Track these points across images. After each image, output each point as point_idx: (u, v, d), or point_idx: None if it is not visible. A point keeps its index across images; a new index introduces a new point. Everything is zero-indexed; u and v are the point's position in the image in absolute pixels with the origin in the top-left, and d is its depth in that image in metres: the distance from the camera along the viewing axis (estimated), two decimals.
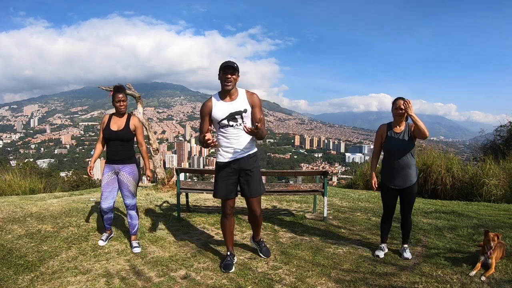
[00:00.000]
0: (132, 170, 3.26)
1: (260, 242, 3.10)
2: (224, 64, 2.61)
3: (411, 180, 3.01)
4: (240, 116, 2.70)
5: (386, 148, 3.07)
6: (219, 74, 2.66)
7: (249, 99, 2.73)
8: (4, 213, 4.24)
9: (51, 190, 7.75)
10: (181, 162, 75.33)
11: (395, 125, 3.05)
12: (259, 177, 2.85)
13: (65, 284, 2.53)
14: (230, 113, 2.70)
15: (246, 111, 2.70)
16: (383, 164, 3.16)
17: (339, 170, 63.00)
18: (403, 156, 2.98)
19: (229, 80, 2.62)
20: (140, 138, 3.36)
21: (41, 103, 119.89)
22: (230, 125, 2.72)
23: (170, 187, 6.32)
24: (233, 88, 2.69)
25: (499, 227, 4.00)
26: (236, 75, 2.65)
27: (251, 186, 2.79)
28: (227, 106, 2.71)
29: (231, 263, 2.85)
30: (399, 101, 2.95)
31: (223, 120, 2.71)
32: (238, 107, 2.70)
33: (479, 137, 9.70)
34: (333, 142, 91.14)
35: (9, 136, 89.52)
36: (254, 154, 2.82)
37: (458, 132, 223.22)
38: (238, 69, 2.64)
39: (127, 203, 3.29)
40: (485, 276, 2.65)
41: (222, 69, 2.63)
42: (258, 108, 2.75)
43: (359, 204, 5.51)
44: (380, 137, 3.11)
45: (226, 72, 2.61)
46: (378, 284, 2.58)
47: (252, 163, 2.79)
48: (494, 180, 6.46)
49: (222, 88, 2.68)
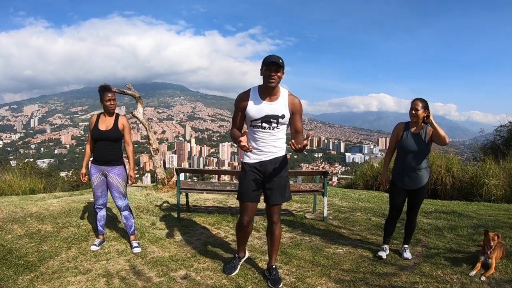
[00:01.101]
0: (120, 171, 3.20)
1: (271, 269, 2.65)
2: (269, 60, 2.33)
3: (422, 182, 2.98)
4: (276, 121, 2.46)
5: (401, 147, 3.02)
6: (262, 68, 2.39)
7: (290, 104, 2.47)
8: (4, 213, 4.24)
9: (51, 190, 7.75)
10: (181, 162, 75.35)
11: (413, 125, 3.00)
12: (285, 182, 2.60)
13: (65, 284, 2.52)
14: (266, 115, 2.44)
15: (284, 117, 2.46)
16: (395, 163, 3.12)
17: (339, 170, 63.03)
18: (417, 157, 2.94)
19: (273, 78, 2.34)
20: (127, 138, 3.26)
21: (41, 103, 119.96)
22: (262, 127, 2.47)
23: (170, 187, 6.32)
24: (276, 86, 2.41)
25: (499, 227, 4.00)
26: (281, 72, 2.36)
27: (275, 192, 2.55)
28: (265, 107, 2.44)
29: (236, 265, 2.79)
30: (415, 102, 2.90)
31: (257, 120, 2.47)
32: (276, 110, 2.44)
33: (479, 137, 9.71)
34: (333, 142, 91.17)
35: (9, 136, 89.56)
36: (283, 157, 2.57)
37: (458, 132, 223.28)
38: (283, 66, 2.35)
39: (119, 204, 3.25)
40: (485, 276, 2.65)
41: (266, 65, 2.34)
42: (299, 115, 2.51)
43: (359, 204, 5.51)
44: (396, 135, 3.07)
45: (271, 69, 2.33)
46: (378, 284, 2.58)
47: (278, 167, 2.53)
48: (494, 180, 6.46)
49: (264, 84, 2.40)
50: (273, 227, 2.63)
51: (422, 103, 2.89)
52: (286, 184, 2.60)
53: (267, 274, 2.65)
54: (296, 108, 2.49)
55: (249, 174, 2.54)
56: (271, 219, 2.63)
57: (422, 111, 2.88)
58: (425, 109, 2.89)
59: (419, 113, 2.88)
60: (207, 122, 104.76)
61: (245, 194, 2.56)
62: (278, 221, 2.64)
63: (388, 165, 3.24)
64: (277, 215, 2.62)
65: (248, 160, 2.55)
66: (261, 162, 2.52)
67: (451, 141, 38.28)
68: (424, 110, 2.89)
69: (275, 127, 2.47)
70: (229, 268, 2.76)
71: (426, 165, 3.00)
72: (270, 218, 2.63)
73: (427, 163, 3.01)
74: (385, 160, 3.28)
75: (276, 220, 2.62)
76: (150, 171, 47.83)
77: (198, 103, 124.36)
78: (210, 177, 13.58)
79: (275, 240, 2.66)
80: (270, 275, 2.61)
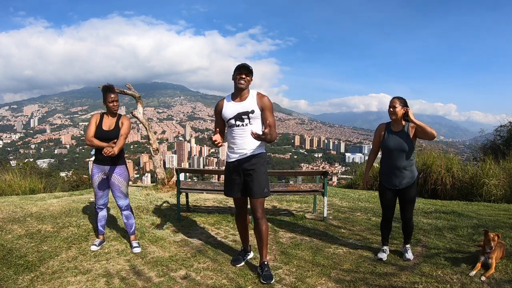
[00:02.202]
0: (122, 171, 3.23)
1: (263, 265, 2.72)
2: (240, 65, 2.67)
3: (408, 181, 2.96)
4: (247, 117, 2.70)
5: (384, 147, 3.04)
6: (234, 74, 2.70)
7: (259, 101, 2.72)
8: (4, 213, 4.24)
9: (51, 190, 7.75)
10: (181, 162, 75.35)
11: (394, 124, 3.02)
12: (263, 178, 2.75)
13: (65, 284, 2.53)
14: (238, 113, 2.71)
15: (254, 112, 2.70)
16: (381, 163, 3.14)
17: (339, 170, 63.03)
18: (401, 155, 2.94)
19: (242, 80, 2.67)
20: (122, 131, 3.15)
21: (41, 103, 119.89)
22: (236, 125, 2.73)
23: (170, 187, 6.32)
24: (246, 88, 2.72)
25: (499, 227, 4.00)
26: (250, 77, 2.69)
27: (253, 187, 2.72)
28: (236, 106, 2.73)
29: (240, 258, 2.99)
30: (393, 101, 2.94)
31: (231, 119, 2.73)
32: (246, 107, 2.71)
33: (479, 137, 9.71)
34: (333, 142, 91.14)
35: (9, 136, 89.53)
36: (259, 154, 2.75)
37: (458, 132, 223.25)
38: (252, 72, 2.69)
39: (120, 204, 3.26)
40: (485, 276, 2.65)
41: (237, 69, 2.68)
42: (268, 111, 2.73)
43: (359, 204, 5.51)
44: (379, 135, 3.09)
45: (241, 72, 2.66)
46: (378, 284, 2.58)
47: (254, 163, 2.72)
48: (494, 180, 6.46)
49: (235, 87, 2.72)
50: (258, 223, 2.74)
51: (400, 100, 2.93)
52: (265, 180, 2.77)
53: (259, 270, 2.73)
54: (264, 103, 2.72)
55: (229, 172, 2.82)
56: (254, 215, 2.76)
57: (400, 108, 2.91)
58: (402, 106, 2.92)
59: (397, 110, 2.91)
60: (207, 122, 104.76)
61: (227, 190, 2.88)
62: (262, 217, 2.75)
63: (370, 167, 3.26)
64: (260, 211, 2.74)
65: (228, 159, 2.82)
66: (239, 160, 2.74)
67: (451, 141, 37.62)
68: (402, 107, 2.91)
69: (247, 123, 2.71)
70: (234, 260, 2.98)
71: (412, 163, 2.99)
72: (254, 214, 2.76)
73: (413, 161, 3.00)
74: (368, 161, 3.29)
75: (260, 216, 2.74)
76: (150, 171, 47.86)
77: (198, 103, 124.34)
78: (210, 177, 13.58)
79: (262, 235, 2.75)
80: (262, 271, 2.69)
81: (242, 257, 3.01)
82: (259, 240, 2.78)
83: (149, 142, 7.02)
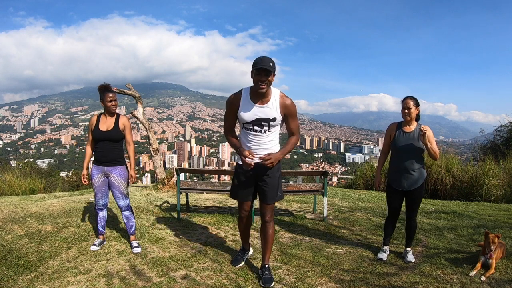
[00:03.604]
0: (122, 171, 3.20)
1: (264, 268, 2.66)
2: (259, 66, 2.29)
3: (417, 182, 2.92)
4: (267, 124, 2.47)
5: (394, 147, 3.00)
6: (252, 72, 2.36)
7: (282, 107, 2.46)
8: (4, 213, 4.24)
9: (51, 190, 7.74)
10: (181, 162, 75.35)
11: (405, 124, 2.97)
12: (277, 183, 2.63)
13: (65, 284, 2.53)
14: (257, 118, 2.46)
15: (275, 120, 2.47)
16: (390, 164, 3.09)
17: (339, 170, 63.04)
18: (410, 157, 2.90)
19: (263, 84, 2.33)
20: (128, 138, 3.24)
21: (41, 103, 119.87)
22: (254, 130, 2.50)
23: (170, 187, 6.32)
24: (267, 90, 2.40)
25: (499, 227, 4.00)
26: (271, 76, 2.34)
27: (267, 192, 2.60)
28: (256, 110, 2.45)
29: (240, 258, 2.95)
30: (406, 101, 2.89)
31: (249, 123, 2.50)
32: (267, 113, 2.45)
33: (479, 137, 9.72)
34: (333, 142, 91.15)
35: (9, 136, 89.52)
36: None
37: (458, 132, 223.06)
38: (274, 69, 2.32)
39: (120, 204, 3.25)
40: (485, 276, 2.65)
41: (256, 70, 2.31)
42: (291, 117, 2.50)
43: (359, 204, 5.51)
44: (389, 135, 3.05)
45: (260, 75, 2.31)
46: (378, 284, 2.58)
47: (270, 168, 2.54)
48: (494, 180, 6.46)
49: (255, 88, 2.39)
50: (266, 226, 2.66)
51: (413, 100, 2.90)
52: (279, 184, 2.66)
53: (260, 273, 2.68)
54: (288, 110, 2.49)
55: (241, 175, 2.65)
56: (263, 218, 2.67)
57: (414, 109, 2.89)
58: (416, 107, 2.91)
59: (411, 111, 2.88)
60: (207, 122, 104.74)
61: (235, 193, 2.74)
62: (271, 220, 2.67)
63: (381, 167, 3.22)
64: (269, 215, 2.66)
65: (241, 162, 2.58)
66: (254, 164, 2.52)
67: (451, 141, 37.84)
68: (416, 107, 2.90)
69: (266, 130, 2.50)
70: (234, 261, 2.93)
71: (421, 165, 2.94)
72: (263, 217, 2.68)
73: (422, 163, 2.96)
74: (379, 162, 3.26)
75: (269, 219, 2.66)
76: (150, 171, 47.83)
77: (198, 103, 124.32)
78: (210, 177, 13.59)
79: (268, 239, 2.68)
80: (262, 274, 2.64)
81: (241, 257, 2.97)
82: (264, 243, 2.70)
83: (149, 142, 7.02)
